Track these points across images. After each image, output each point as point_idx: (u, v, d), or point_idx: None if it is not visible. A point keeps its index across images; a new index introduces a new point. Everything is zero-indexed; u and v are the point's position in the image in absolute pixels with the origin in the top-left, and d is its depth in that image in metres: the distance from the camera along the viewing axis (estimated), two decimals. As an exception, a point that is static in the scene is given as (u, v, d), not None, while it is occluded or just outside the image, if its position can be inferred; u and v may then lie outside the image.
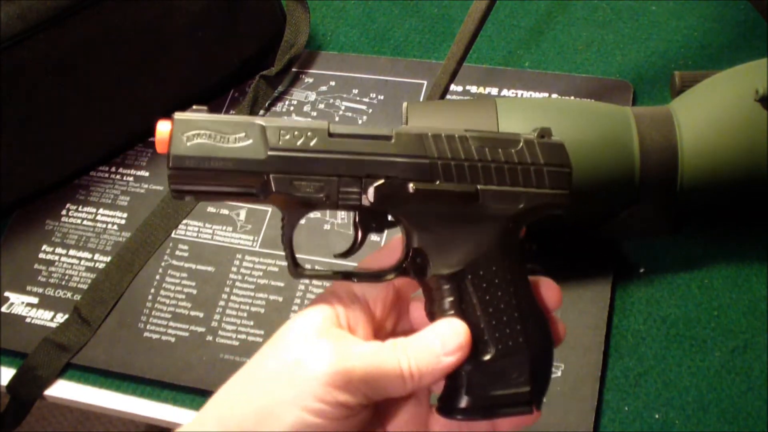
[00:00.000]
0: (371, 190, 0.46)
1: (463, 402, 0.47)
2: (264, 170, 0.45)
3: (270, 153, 0.46)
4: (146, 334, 0.72)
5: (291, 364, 0.45)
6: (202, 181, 0.46)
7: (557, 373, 0.65)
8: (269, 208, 0.76)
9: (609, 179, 0.62)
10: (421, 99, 0.80)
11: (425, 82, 0.81)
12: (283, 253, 0.48)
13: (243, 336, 0.71)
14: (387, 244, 0.51)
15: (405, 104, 0.65)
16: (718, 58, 0.79)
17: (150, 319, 0.73)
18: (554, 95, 0.78)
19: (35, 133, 0.76)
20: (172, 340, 0.71)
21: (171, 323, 0.72)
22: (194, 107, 0.47)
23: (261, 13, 0.82)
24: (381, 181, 0.46)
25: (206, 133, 0.46)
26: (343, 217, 0.75)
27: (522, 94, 0.79)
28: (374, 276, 0.48)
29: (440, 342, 0.46)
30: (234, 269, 0.74)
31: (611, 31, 0.83)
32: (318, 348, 0.45)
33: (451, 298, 0.47)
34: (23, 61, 0.71)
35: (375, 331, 0.49)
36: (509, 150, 0.48)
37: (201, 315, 0.72)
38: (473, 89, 0.80)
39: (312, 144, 0.46)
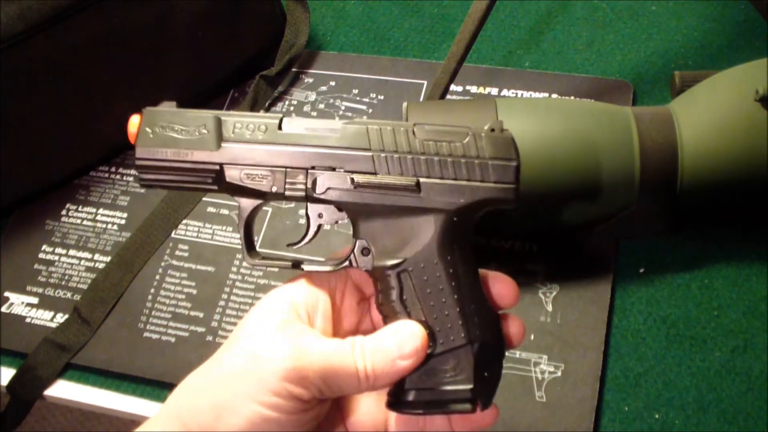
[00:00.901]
0: (315, 181, 0.48)
1: (409, 396, 0.47)
2: (216, 161, 0.48)
3: (223, 145, 0.49)
4: (146, 334, 0.72)
5: (249, 358, 0.45)
6: (165, 170, 0.49)
7: (557, 373, 0.65)
8: (269, 209, 0.76)
9: (609, 179, 0.62)
10: (421, 99, 0.80)
11: (425, 82, 0.81)
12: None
13: (243, 336, 0.71)
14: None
15: (405, 104, 0.65)
16: (718, 58, 0.79)
17: (150, 319, 0.73)
18: (554, 95, 0.78)
19: (35, 133, 0.76)
20: (172, 340, 0.71)
21: (171, 323, 0.72)
22: (164, 102, 0.50)
23: (261, 13, 0.82)
24: (325, 173, 0.48)
25: (171, 126, 0.49)
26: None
27: (522, 94, 0.79)
28: (322, 264, 0.49)
29: (397, 345, 0.47)
30: (234, 269, 0.74)
31: (611, 31, 0.83)
32: (275, 343, 0.45)
33: (394, 290, 0.48)
34: (23, 61, 0.71)
35: (335, 325, 0.50)
36: (455, 143, 0.48)
37: (201, 315, 0.72)
38: (473, 89, 0.80)
39: (261, 137, 0.49)
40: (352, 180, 0.48)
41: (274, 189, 0.49)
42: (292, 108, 0.82)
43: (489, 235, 0.71)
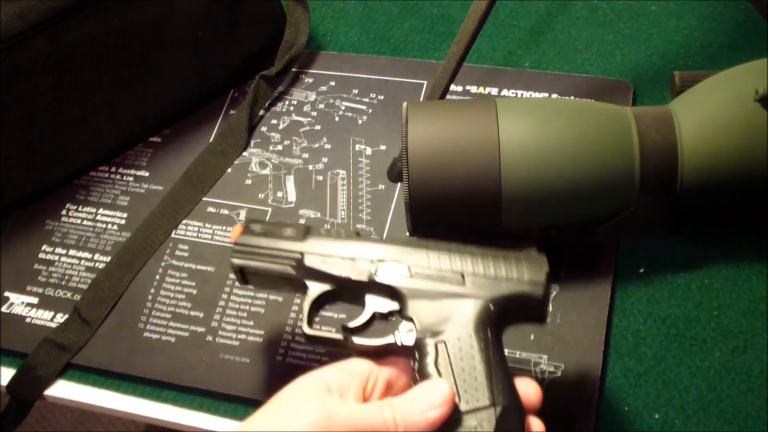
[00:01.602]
0: (378, 269, 0.58)
1: None
2: (300, 249, 0.59)
3: (308, 239, 0.60)
4: (146, 334, 0.72)
5: (280, 419, 0.49)
6: (256, 255, 0.60)
7: (557, 373, 0.65)
8: (269, 209, 0.76)
9: (609, 179, 0.62)
10: (421, 99, 0.80)
11: (425, 82, 0.81)
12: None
13: (243, 336, 0.71)
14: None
15: (405, 104, 0.65)
16: (718, 58, 0.79)
17: (150, 319, 0.73)
18: (554, 95, 0.78)
19: (35, 133, 0.76)
20: (172, 340, 0.71)
21: (171, 323, 0.72)
22: (268, 220, 0.65)
23: (261, 13, 0.82)
24: (387, 262, 0.58)
25: (268, 226, 0.61)
26: (343, 217, 0.75)
27: (522, 94, 0.79)
28: (369, 339, 0.56)
29: (425, 397, 0.51)
30: (234, 269, 0.74)
31: (611, 31, 0.83)
32: (306, 406, 0.49)
33: (430, 356, 0.55)
34: (23, 61, 0.71)
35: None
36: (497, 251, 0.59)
37: (201, 315, 0.72)
38: (473, 89, 0.80)
39: (339, 236, 0.60)
40: (409, 268, 0.58)
41: (343, 273, 0.58)
42: (292, 108, 0.82)
43: (489, 235, 0.71)
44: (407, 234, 0.67)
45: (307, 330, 0.58)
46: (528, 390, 0.54)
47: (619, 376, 0.65)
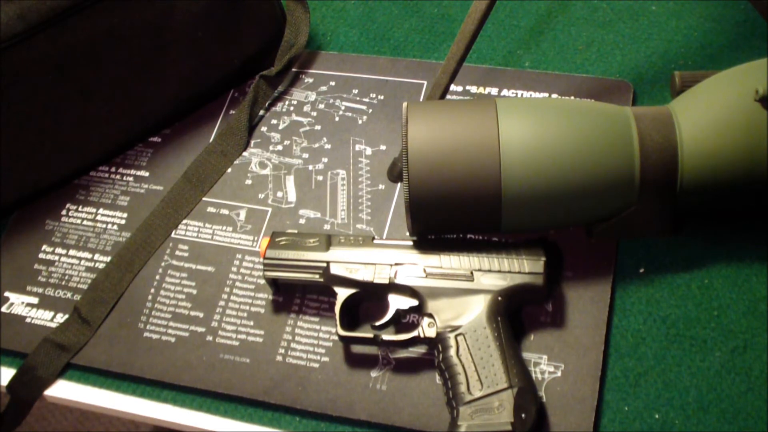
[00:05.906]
0: (397, 273, 0.66)
1: (461, 429, 0.60)
2: (325, 259, 0.67)
3: (330, 249, 0.67)
4: (146, 334, 0.72)
5: None
6: (284, 267, 0.68)
7: (557, 373, 0.65)
8: (269, 209, 0.76)
9: (609, 179, 0.62)
10: (421, 99, 0.80)
11: (425, 82, 0.81)
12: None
13: (243, 336, 0.71)
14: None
15: (405, 104, 0.65)
16: (718, 58, 0.79)
17: (150, 319, 0.73)
18: (554, 95, 0.78)
19: (35, 133, 0.76)
20: (172, 340, 0.72)
21: (171, 323, 0.72)
22: (289, 231, 0.70)
23: (261, 13, 0.82)
24: (404, 265, 0.66)
25: (293, 239, 0.68)
26: (343, 217, 0.75)
27: (522, 94, 0.79)
28: (396, 335, 0.65)
29: None
30: (234, 269, 0.74)
31: (611, 31, 0.83)
32: None
33: (452, 348, 0.62)
34: (23, 61, 0.71)
35: None
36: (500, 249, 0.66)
37: (201, 315, 0.72)
38: (473, 89, 0.80)
39: (358, 244, 0.67)
40: (424, 270, 0.65)
41: (366, 278, 0.66)
42: (292, 108, 0.82)
43: (490, 233, 0.71)
44: (407, 234, 0.67)
45: (340, 332, 0.66)
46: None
47: (619, 376, 0.65)
